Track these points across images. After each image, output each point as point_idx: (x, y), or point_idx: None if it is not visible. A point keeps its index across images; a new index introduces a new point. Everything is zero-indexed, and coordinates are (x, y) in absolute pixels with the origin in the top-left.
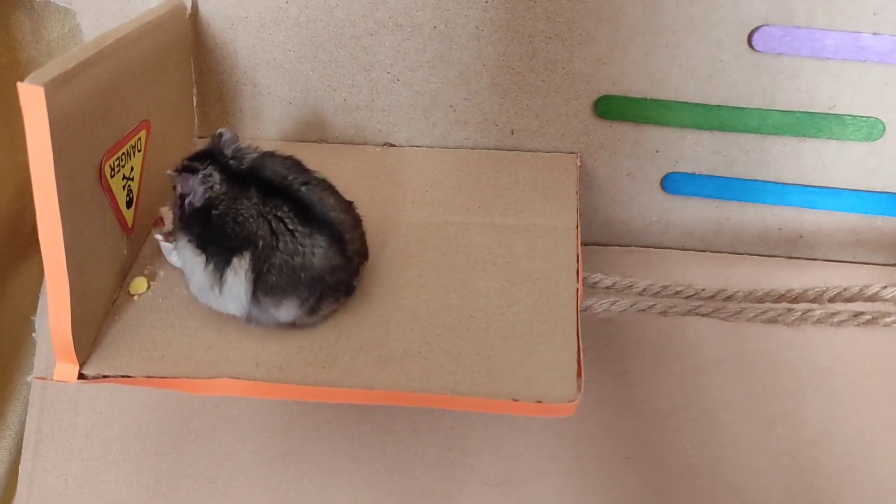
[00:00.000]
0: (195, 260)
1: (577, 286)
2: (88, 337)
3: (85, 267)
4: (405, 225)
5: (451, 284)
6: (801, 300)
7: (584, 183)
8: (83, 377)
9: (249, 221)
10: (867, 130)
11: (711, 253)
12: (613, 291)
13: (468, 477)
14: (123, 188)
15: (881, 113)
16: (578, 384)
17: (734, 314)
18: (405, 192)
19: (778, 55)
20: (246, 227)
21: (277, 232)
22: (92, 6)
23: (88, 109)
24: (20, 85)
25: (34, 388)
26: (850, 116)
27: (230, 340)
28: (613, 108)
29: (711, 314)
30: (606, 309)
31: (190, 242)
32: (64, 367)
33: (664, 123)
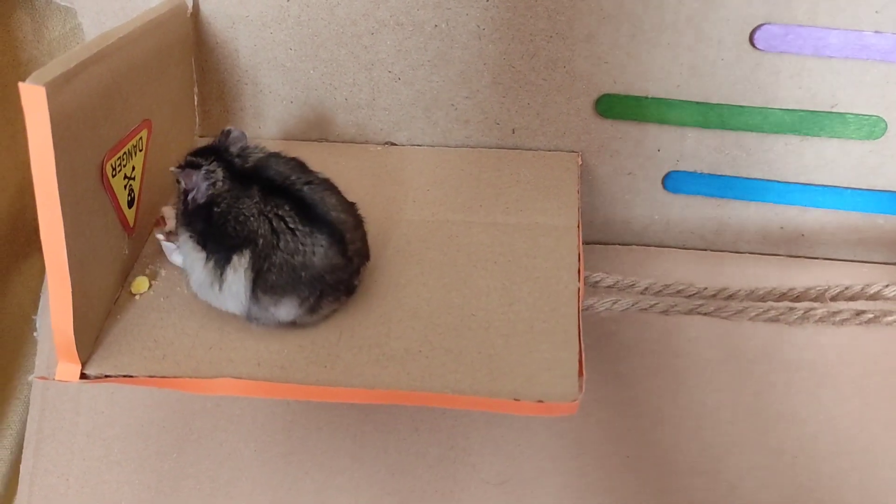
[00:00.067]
0: (196, 256)
1: (578, 285)
2: (90, 336)
3: (86, 266)
4: (406, 224)
5: (452, 283)
6: (802, 299)
7: (585, 182)
8: (85, 377)
9: (250, 220)
10: (869, 129)
11: (713, 252)
12: (615, 290)
13: (470, 476)
14: (125, 188)
15: (883, 111)
16: (580, 383)
17: (736, 313)
18: (406, 190)
19: (779, 54)
20: (247, 225)
21: (278, 231)
22: (93, 5)
23: (90, 109)
24: (22, 85)
25: (35, 387)
26: (851, 115)
27: (232, 340)
28: (615, 106)
29: (713, 313)
30: (608, 308)
31: (191, 238)
32: (66, 366)
33: (665, 122)
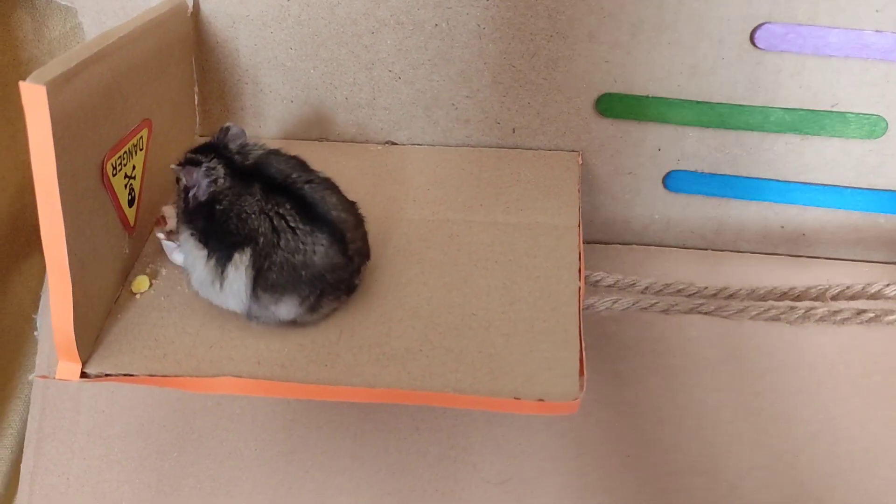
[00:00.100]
0: (197, 254)
1: (578, 284)
2: (90, 335)
3: (87, 265)
4: (407, 223)
5: (452, 282)
6: (803, 298)
7: (585, 181)
8: (85, 376)
9: (251, 218)
10: (869, 128)
11: (713, 251)
12: (615, 290)
13: (470, 475)
14: (125, 187)
15: (883, 110)
16: (580, 382)
17: (736, 312)
18: (407, 190)
19: (780, 53)
20: (248, 223)
21: (279, 229)
22: (93, 4)
23: (90, 108)
24: (22, 84)
25: (36, 386)
26: (852, 114)
27: (232, 339)
28: (615, 105)
29: (714, 312)
30: (608, 307)
31: (192, 236)
32: (66, 365)
33: (666, 121)
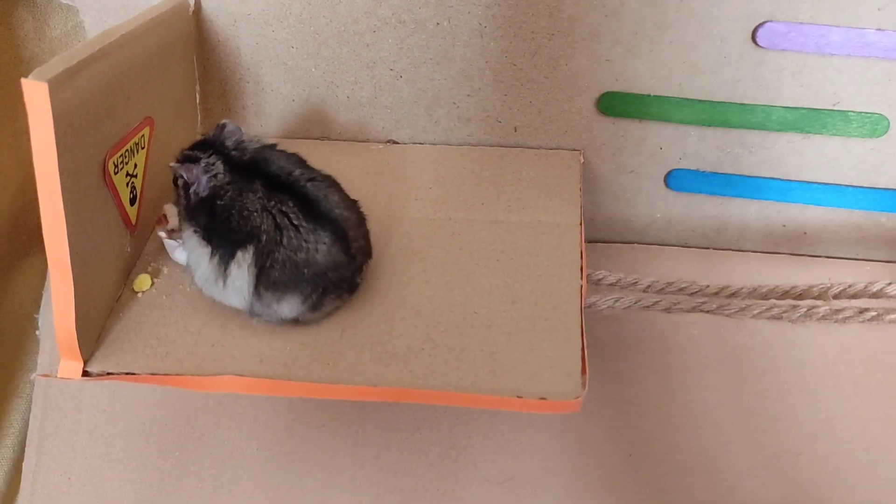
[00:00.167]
0: (201, 251)
1: (580, 283)
2: (92, 334)
3: (89, 264)
4: (408, 222)
5: (454, 281)
6: (805, 297)
7: (587, 180)
8: (87, 374)
9: (254, 215)
10: (871, 127)
11: (715, 250)
12: (617, 288)
13: (471, 474)
14: (127, 185)
15: (885, 109)
16: (582, 381)
17: (738, 311)
18: (408, 188)
19: (782, 51)
20: (250, 220)
21: (281, 227)
22: (94, 3)
23: (92, 106)
24: (24, 81)
25: (37, 385)
26: (854, 113)
27: (234, 337)
28: (616, 104)
29: (715, 311)
30: (610, 306)
31: (196, 233)
32: (68, 364)
33: (667, 120)
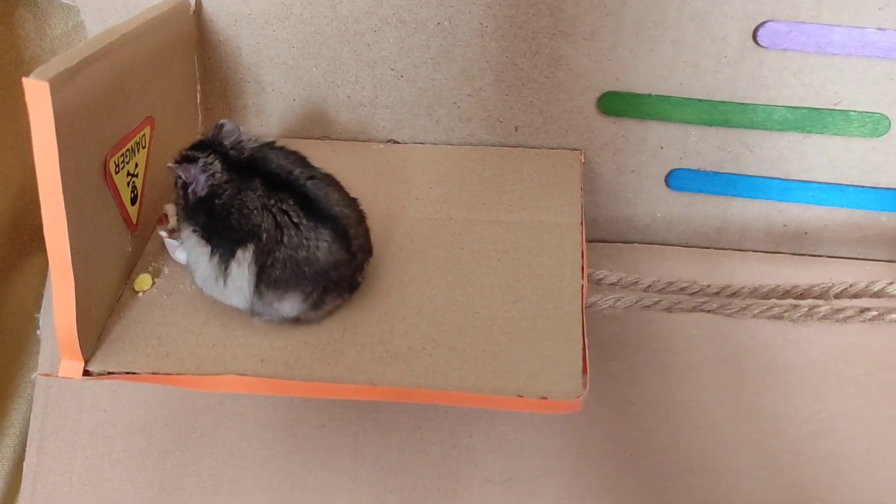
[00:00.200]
0: (200, 251)
1: (581, 282)
2: (93, 334)
3: (90, 263)
4: (409, 221)
5: (455, 281)
6: (806, 296)
7: (588, 179)
8: (88, 374)
9: (254, 213)
10: (872, 126)
11: (716, 249)
12: (618, 288)
13: (472, 474)
14: (128, 185)
15: (886, 109)
16: (583, 380)
17: (739, 311)
18: (409, 188)
19: (783, 51)
20: (250, 219)
21: (282, 225)
22: (95, 3)
23: (93, 105)
24: (26, 80)
25: (38, 385)
26: (855, 112)
27: (235, 337)
28: (617, 104)
29: (716, 311)
30: (611, 305)
31: (195, 233)
32: (69, 363)
33: (668, 119)
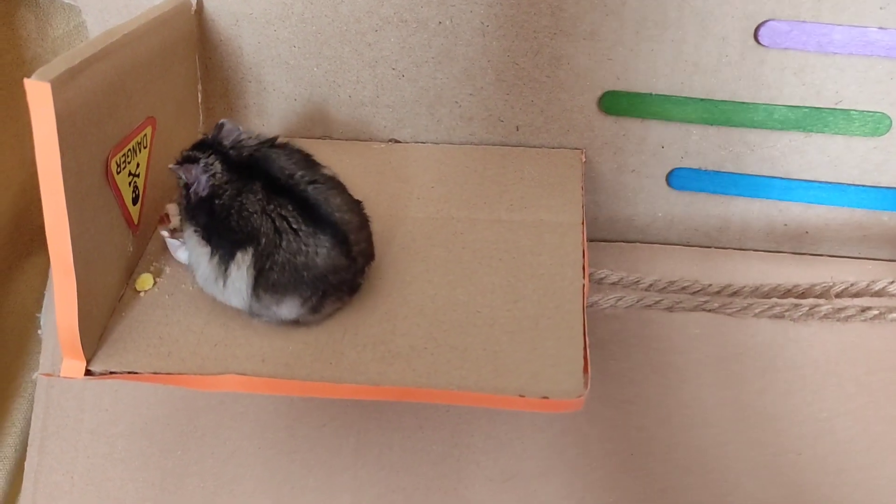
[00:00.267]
0: (201, 251)
1: (583, 282)
2: (95, 333)
3: (91, 263)
4: (411, 221)
5: (457, 280)
6: (807, 296)
7: (589, 179)
8: (90, 373)
9: (253, 217)
10: (873, 125)
11: (717, 249)
12: (619, 287)
13: (474, 473)
14: (129, 185)
15: (887, 108)
16: (585, 380)
17: (740, 310)
18: (410, 188)
19: (784, 50)
20: (250, 222)
21: (281, 230)
22: (97, 3)
23: (95, 105)
24: (27, 81)
25: (39, 385)
26: (856, 111)
27: (236, 337)
28: (618, 103)
29: (717, 310)
30: (612, 305)
31: (196, 233)
32: (71, 363)
33: (669, 119)
